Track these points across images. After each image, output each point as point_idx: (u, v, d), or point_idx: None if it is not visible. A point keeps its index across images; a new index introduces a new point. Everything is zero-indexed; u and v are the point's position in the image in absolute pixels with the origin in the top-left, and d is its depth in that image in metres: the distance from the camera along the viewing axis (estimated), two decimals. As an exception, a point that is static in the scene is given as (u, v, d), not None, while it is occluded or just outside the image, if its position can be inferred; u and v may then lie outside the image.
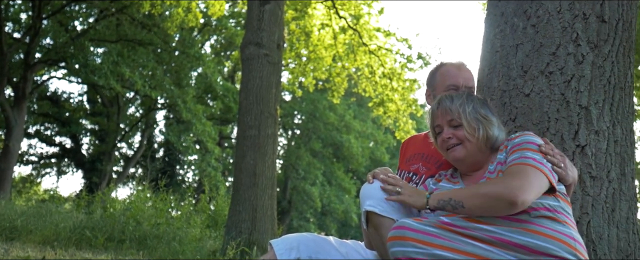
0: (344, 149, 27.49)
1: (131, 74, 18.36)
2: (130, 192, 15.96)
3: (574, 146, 2.62)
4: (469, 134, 2.27)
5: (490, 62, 2.95)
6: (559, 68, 2.70)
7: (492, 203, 1.95)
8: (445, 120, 2.33)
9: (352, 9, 15.35)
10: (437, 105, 2.38)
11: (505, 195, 1.93)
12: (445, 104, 2.34)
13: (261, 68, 8.82)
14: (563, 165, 2.18)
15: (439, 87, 2.84)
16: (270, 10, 8.95)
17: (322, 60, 15.70)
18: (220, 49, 27.00)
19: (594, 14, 2.75)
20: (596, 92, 2.69)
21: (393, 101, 15.44)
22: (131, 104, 26.24)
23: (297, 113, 29.71)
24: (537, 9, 2.81)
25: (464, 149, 2.28)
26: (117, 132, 24.56)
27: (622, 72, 2.78)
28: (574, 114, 2.65)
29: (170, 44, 20.89)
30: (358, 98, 27.66)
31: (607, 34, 2.75)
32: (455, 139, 2.30)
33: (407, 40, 16.72)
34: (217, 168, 21.94)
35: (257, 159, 8.55)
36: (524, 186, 1.96)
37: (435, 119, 2.38)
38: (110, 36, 19.32)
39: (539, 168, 2.06)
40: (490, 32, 3.00)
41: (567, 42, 2.72)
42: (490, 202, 1.95)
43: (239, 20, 22.99)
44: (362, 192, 2.27)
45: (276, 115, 9.03)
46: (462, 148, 2.29)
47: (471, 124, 2.28)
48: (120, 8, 18.30)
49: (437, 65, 2.97)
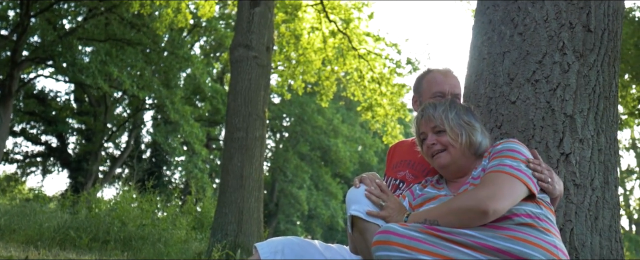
0: (332, 152, 27.50)
1: (119, 73, 18.26)
2: (116, 193, 15.85)
3: (559, 154, 2.64)
4: (452, 139, 2.30)
5: (477, 69, 2.97)
6: (545, 76, 2.73)
7: (465, 216, 1.97)
8: (429, 127, 2.36)
9: (342, 13, 15.38)
10: (421, 113, 2.41)
11: (475, 206, 1.95)
12: (429, 112, 2.37)
13: (250, 70, 8.82)
14: (550, 179, 2.18)
15: (425, 94, 2.85)
16: (260, 12, 8.95)
17: (312, 63, 15.71)
18: (209, 50, 26.94)
19: (580, 24, 2.78)
20: (581, 100, 2.71)
21: (381, 106, 15.47)
22: (119, 103, 26.09)
23: (285, 116, 29.69)
24: (524, 17, 2.84)
25: (448, 155, 2.30)
26: (104, 131, 24.41)
27: (607, 81, 2.81)
28: (559, 122, 2.68)
29: (160, 44, 20.81)
30: (347, 102, 27.70)
31: (592, 43, 2.78)
32: (439, 145, 2.32)
33: (396, 45, 16.78)
34: (204, 170, 21.86)
35: (244, 161, 8.54)
36: (495, 194, 1.98)
37: (420, 127, 2.40)
38: (98, 35, 19.20)
39: (514, 175, 2.06)
40: (478, 40, 3.02)
41: (553, 50, 2.75)
42: (463, 215, 1.97)
43: (229, 22, 22.96)
44: (348, 197, 2.28)
45: (264, 117, 9.02)
46: (446, 154, 2.31)
47: (454, 130, 2.30)
48: (110, 7, 18.21)
49: (424, 72, 2.98)
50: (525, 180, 2.06)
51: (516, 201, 2.02)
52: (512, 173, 2.07)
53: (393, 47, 16.75)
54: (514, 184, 2.04)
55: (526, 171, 2.10)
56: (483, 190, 2.01)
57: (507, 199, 1.99)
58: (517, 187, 2.04)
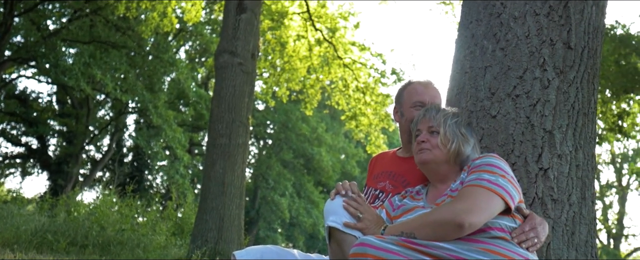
0: (315, 161, 27.49)
1: (103, 76, 18.11)
2: (96, 196, 15.70)
3: (537, 169, 2.67)
4: (442, 143, 2.33)
5: (459, 82, 2.99)
6: (525, 92, 2.76)
7: (441, 229, 1.98)
8: (425, 126, 2.41)
9: (328, 22, 15.44)
10: (424, 112, 2.47)
11: (451, 219, 1.97)
12: (431, 113, 2.44)
13: (234, 77, 8.81)
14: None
15: (405, 104, 2.87)
16: (246, 19, 8.95)
17: (297, 71, 15.73)
18: (194, 55, 26.85)
19: (560, 41, 2.81)
20: (560, 116, 2.75)
21: (365, 115, 15.53)
22: (101, 106, 25.87)
23: (269, 123, 29.63)
24: (506, 32, 2.87)
25: (431, 153, 2.34)
26: (85, 134, 24.17)
27: (586, 98, 2.85)
28: (538, 138, 2.70)
29: (144, 48, 20.70)
30: (331, 111, 27.73)
31: (572, 60, 2.82)
32: (428, 144, 2.36)
33: (381, 55, 16.87)
34: (185, 175, 21.74)
35: (226, 167, 8.51)
36: (471, 208, 1.99)
37: (418, 124, 2.46)
38: (83, 37, 19.06)
39: (491, 189, 2.08)
40: (461, 53, 3.05)
41: (534, 66, 2.78)
42: (439, 228, 1.99)
43: (215, 27, 22.91)
44: (326, 207, 2.29)
45: (248, 124, 9.01)
46: (430, 152, 2.34)
47: (447, 135, 2.34)
48: (95, 9, 18.10)
49: (405, 83, 3.00)
50: (502, 194, 2.08)
51: (492, 215, 2.04)
52: (489, 187, 2.08)
53: (378, 57, 16.84)
54: (491, 198, 2.05)
55: (504, 185, 2.11)
56: (460, 204, 2.03)
57: (483, 213, 2.00)
58: (493, 201, 2.05)
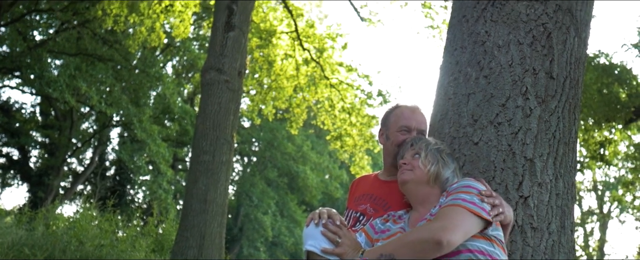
0: (299, 180, 27.43)
1: (88, 88, 18.00)
2: (76, 210, 15.48)
3: (518, 197, 2.69)
4: (422, 164, 2.38)
5: (443, 108, 3.01)
6: (507, 119, 2.78)
7: (420, 248, 2.01)
8: (410, 154, 2.47)
9: (316, 42, 15.51)
10: (410, 142, 2.54)
11: (430, 238, 2.00)
12: (415, 142, 2.52)
13: (220, 94, 8.80)
14: (502, 209, 2.25)
15: (392, 127, 2.88)
16: (234, 37, 8.97)
17: (283, 90, 15.76)
18: (181, 71, 26.80)
19: (543, 70, 2.85)
20: (541, 145, 2.77)
21: (351, 136, 15.57)
22: (85, 119, 25.67)
23: (254, 140, 29.58)
24: (490, 60, 2.90)
25: (412, 173, 2.39)
26: (68, 146, 23.93)
27: (567, 127, 2.88)
28: (519, 165, 2.72)
29: (131, 62, 20.63)
30: (316, 130, 27.78)
31: (554, 90, 2.86)
32: (410, 165, 2.41)
33: (368, 76, 16.96)
34: (168, 191, 21.54)
35: (209, 185, 8.46)
36: (448, 226, 2.03)
37: (403, 152, 2.52)
38: (69, 49, 18.96)
39: (467, 207, 2.12)
40: (445, 80, 3.07)
41: (516, 95, 2.81)
42: (418, 247, 2.01)
43: (203, 44, 22.93)
44: (305, 231, 2.29)
45: (232, 142, 8.98)
46: (411, 172, 2.39)
47: (428, 157, 2.40)
48: (83, 22, 18.04)
49: (393, 107, 3.02)
50: (478, 211, 2.12)
51: (469, 233, 2.07)
52: (464, 206, 2.13)
53: (365, 79, 16.94)
54: (467, 216, 2.10)
55: (479, 203, 2.16)
56: (437, 223, 2.07)
57: (460, 230, 2.04)
58: (469, 219, 2.10)
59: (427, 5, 13.96)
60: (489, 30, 2.95)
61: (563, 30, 2.93)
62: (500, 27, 2.93)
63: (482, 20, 2.98)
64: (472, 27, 3.02)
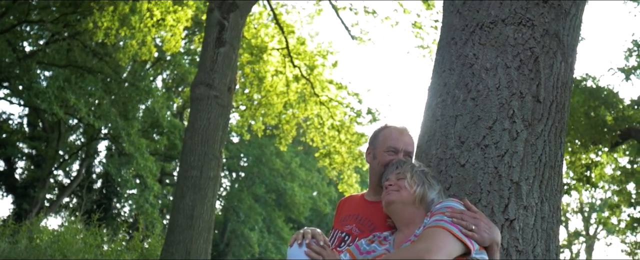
0: (287, 196, 27.35)
1: (76, 100, 17.91)
2: (61, 223, 15.31)
3: (503, 219, 2.69)
4: (408, 184, 2.40)
5: (431, 129, 3.03)
6: (494, 142, 2.80)
7: None
8: (394, 175, 2.48)
9: (307, 59, 15.57)
10: (395, 165, 2.55)
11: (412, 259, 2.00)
12: (400, 164, 2.54)
13: (210, 109, 8.79)
14: (475, 227, 2.22)
15: (379, 147, 2.88)
16: (224, 53, 8.99)
17: (273, 106, 15.77)
18: (171, 85, 26.75)
19: (530, 94, 2.87)
20: (527, 168, 2.78)
21: (339, 153, 15.57)
22: (73, 131, 25.50)
23: (243, 156, 29.49)
24: (477, 83, 2.92)
25: (398, 194, 2.40)
26: (55, 158, 23.73)
27: (553, 151, 2.90)
28: (505, 188, 2.73)
29: (121, 75, 20.57)
30: (305, 147, 27.74)
31: (541, 113, 2.88)
32: (395, 185, 2.42)
33: (358, 94, 17.02)
34: (155, 205, 21.37)
35: (196, 200, 8.42)
36: (430, 248, 2.05)
37: (388, 174, 2.53)
38: (59, 60, 18.89)
39: (448, 229, 2.14)
40: (433, 101, 3.09)
41: (503, 118, 2.83)
42: None
43: (194, 58, 22.93)
44: (289, 251, 2.29)
45: (220, 157, 8.95)
46: (397, 193, 2.40)
47: (413, 178, 2.42)
48: (73, 34, 18.01)
49: (382, 127, 3.03)
50: (458, 234, 2.13)
51: (453, 254, 2.09)
52: (446, 227, 2.14)
53: (355, 96, 16.98)
54: (448, 238, 2.11)
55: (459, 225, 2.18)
56: (419, 244, 2.08)
57: (443, 252, 2.06)
58: (450, 240, 2.11)
59: (418, 25, 14.07)
60: (477, 53, 2.98)
61: (550, 54, 2.96)
62: (488, 51, 2.95)
63: (471, 43, 3.01)
64: (461, 49, 3.04)
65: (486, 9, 3.02)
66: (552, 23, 2.99)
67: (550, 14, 2.99)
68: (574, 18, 3.09)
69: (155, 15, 14.99)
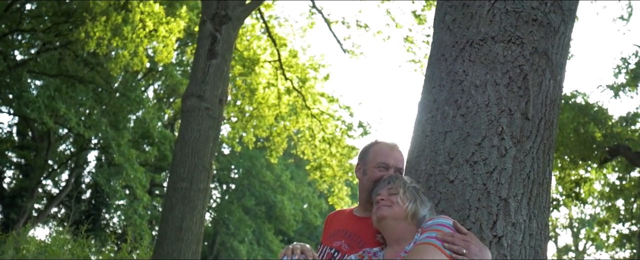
0: (277, 209, 27.28)
1: (67, 110, 17.82)
2: (49, 233, 15.15)
3: (491, 236, 2.69)
4: (401, 200, 2.41)
5: (420, 145, 3.03)
6: (483, 159, 2.80)
7: None
8: (386, 189, 2.49)
9: (299, 72, 15.60)
10: (387, 180, 2.57)
11: None
12: (392, 179, 2.55)
13: (201, 121, 8.77)
14: (466, 251, 2.22)
15: (370, 163, 2.89)
16: (216, 65, 8.99)
17: (265, 118, 15.77)
18: (162, 95, 26.71)
19: (518, 111, 2.89)
20: (516, 185, 2.79)
21: (330, 166, 15.55)
22: (63, 141, 25.35)
23: (234, 168, 29.41)
24: (467, 100, 2.93)
25: (391, 209, 2.40)
26: (44, 168, 23.55)
27: (542, 168, 2.91)
28: (494, 205, 2.73)
29: (112, 85, 20.51)
30: (296, 160, 27.72)
31: (529, 131, 2.89)
32: (387, 201, 2.43)
33: (349, 108, 17.05)
34: (143, 217, 21.23)
35: (185, 212, 8.37)
36: None
37: (379, 189, 2.54)
38: (50, 70, 18.81)
39: (437, 246, 2.15)
40: (423, 117, 3.10)
41: (492, 134, 2.84)
42: None
43: (185, 69, 22.91)
44: (277, 267, 2.27)
45: (210, 169, 8.92)
46: (389, 208, 2.41)
47: (406, 194, 2.43)
48: (65, 43, 17.96)
49: (372, 142, 3.03)
50: (447, 251, 2.13)
51: None
52: (436, 245, 2.16)
53: (346, 110, 17.01)
54: (438, 254, 2.13)
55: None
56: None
57: None
58: (441, 257, 2.13)
59: (410, 40, 14.14)
60: (467, 69, 2.99)
61: (539, 72, 2.98)
62: (478, 67, 2.97)
63: (461, 59, 3.03)
64: (451, 66, 3.06)
65: (476, 26, 3.04)
66: (541, 41, 3.01)
67: (539, 32, 3.01)
68: (562, 36, 3.12)
69: (147, 26, 14.99)
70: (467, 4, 3.10)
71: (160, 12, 15.12)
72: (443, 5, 3.24)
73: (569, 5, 3.17)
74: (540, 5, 3.04)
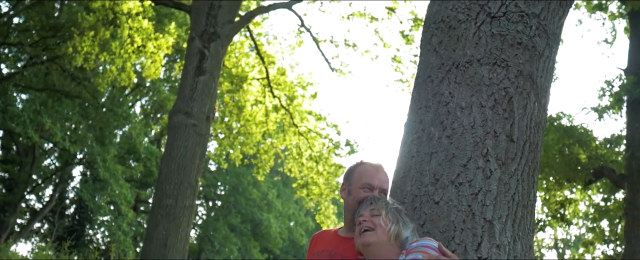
0: (263, 227, 27.13)
1: (52, 125, 17.68)
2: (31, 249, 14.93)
3: (476, 258, 2.69)
4: (383, 222, 2.42)
5: (406, 166, 3.04)
6: (468, 180, 2.81)
7: None
8: (368, 211, 2.49)
9: (286, 90, 15.63)
10: (369, 201, 2.58)
11: None
12: (374, 200, 2.56)
13: (187, 137, 8.75)
14: None
15: (355, 184, 2.89)
16: (204, 81, 8.99)
17: (252, 135, 15.75)
18: (150, 111, 26.61)
19: (504, 133, 2.91)
20: (501, 207, 2.80)
21: (317, 184, 15.53)
22: (48, 155, 25.12)
23: (220, 184, 29.26)
24: (453, 121, 2.95)
25: (374, 235, 2.41)
26: (27, 183, 23.29)
27: (526, 190, 2.92)
28: (479, 227, 2.74)
29: (99, 100, 20.40)
30: (283, 177, 27.65)
31: (514, 153, 2.91)
32: (370, 222, 2.43)
33: (336, 126, 17.07)
34: (128, 233, 21.01)
35: (170, 230, 8.31)
36: None
37: (361, 210, 2.55)
38: (36, 84, 18.69)
39: None
40: (408, 137, 3.11)
41: (477, 156, 2.85)
42: None
43: (173, 85, 22.87)
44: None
45: (196, 186, 8.88)
46: (373, 234, 2.41)
47: (388, 215, 2.44)
48: (52, 57, 17.87)
49: (357, 163, 3.04)
50: None
51: None
52: None
53: (333, 128, 17.03)
54: None
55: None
56: None
57: None
58: None
59: (397, 60, 14.25)
60: (453, 91, 3.01)
61: (524, 95, 3.01)
62: (464, 89, 2.99)
63: (447, 81, 3.05)
64: (437, 87, 3.08)
65: (462, 49, 3.07)
66: (526, 64, 3.04)
67: (524, 56, 3.05)
68: (547, 60, 3.15)
69: (136, 41, 14.98)
70: (454, 26, 3.14)
71: (149, 28, 15.12)
72: (430, 28, 3.27)
73: (553, 30, 3.21)
74: (525, 29, 3.08)
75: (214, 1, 9.62)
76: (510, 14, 3.08)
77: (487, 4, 3.10)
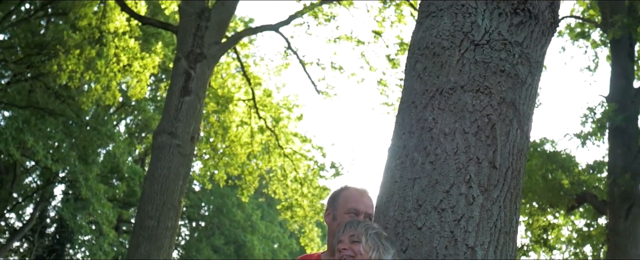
0: (246, 249, 26.89)
1: (34, 143, 17.48)
2: (8, 269, 14.62)
3: (458, 284, 2.69)
4: (364, 249, 2.41)
5: (389, 191, 3.04)
6: (450, 206, 2.82)
7: None
8: (347, 236, 2.49)
9: (272, 111, 15.64)
10: (348, 225, 2.58)
11: None
12: (353, 225, 2.56)
13: (171, 158, 8.70)
14: None
15: (340, 209, 2.88)
16: (189, 102, 8.98)
17: (237, 156, 15.69)
18: (134, 130, 26.45)
19: (486, 160, 2.92)
20: (483, 233, 2.80)
21: (301, 207, 15.47)
22: (29, 173, 24.81)
23: (204, 205, 29.04)
24: (436, 147, 2.96)
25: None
26: (8, 201, 22.96)
27: (508, 217, 2.93)
28: (461, 253, 2.74)
29: (83, 118, 20.25)
30: (267, 199, 27.52)
31: (497, 179, 2.92)
32: (350, 251, 2.43)
33: (322, 148, 17.09)
34: (109, 253, 20.76)
35: (151, 251, 8.22)
36: None
37: (340, 234, 2.55)
38: (19, 101, 18.52)
39: None
40: (392, 162, 3.11)
41: (460, 182, 2.86)
42: None
43: (159, 105, 22.78)
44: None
45: (179, 207, 8.81)
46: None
47: (368, 242, 2.43)
48: (36, 75, 17.74)
49: (341, 188, 3.04)
50: None
51: None
52: None
53: (319, 150, 17.04)
54: None
55: None
56: None
57: None
58: None
59: (383, 83, 14.33)
60: (436, 117, 3.03)
61: (506, 122, 3.04)
62: (447, 116, 3.01)
63: (430, 107, 3.07)
64: (421, 113, 3.10)
65: (446, 75, 3.10)
66: (509, 92, 3.07)
67: (507, 83, 3.08)
68: (530, 87, 3.19)
69: (122, 60, 14.93)
70: (438, 53, 3.17)
71: (135, 47, 15.10)
72: (414, 54, 3.30)
73: (536, 58, 3.25)
74: (508, 57, 3.12)
75: (201, 22, 9.65)
76: (493, 42, 3.12)
77: (470, 32, 3.14)
